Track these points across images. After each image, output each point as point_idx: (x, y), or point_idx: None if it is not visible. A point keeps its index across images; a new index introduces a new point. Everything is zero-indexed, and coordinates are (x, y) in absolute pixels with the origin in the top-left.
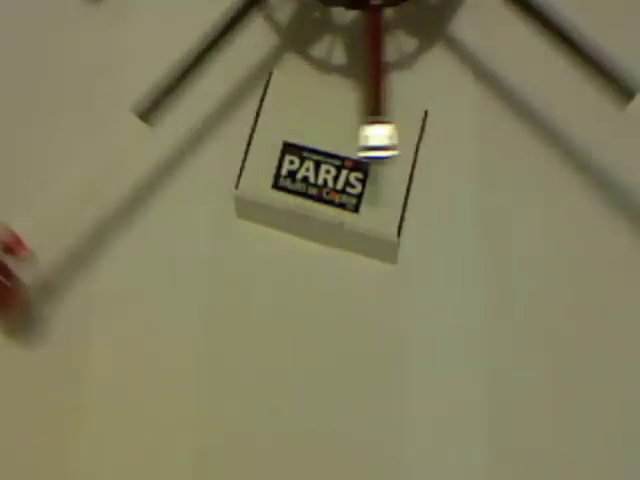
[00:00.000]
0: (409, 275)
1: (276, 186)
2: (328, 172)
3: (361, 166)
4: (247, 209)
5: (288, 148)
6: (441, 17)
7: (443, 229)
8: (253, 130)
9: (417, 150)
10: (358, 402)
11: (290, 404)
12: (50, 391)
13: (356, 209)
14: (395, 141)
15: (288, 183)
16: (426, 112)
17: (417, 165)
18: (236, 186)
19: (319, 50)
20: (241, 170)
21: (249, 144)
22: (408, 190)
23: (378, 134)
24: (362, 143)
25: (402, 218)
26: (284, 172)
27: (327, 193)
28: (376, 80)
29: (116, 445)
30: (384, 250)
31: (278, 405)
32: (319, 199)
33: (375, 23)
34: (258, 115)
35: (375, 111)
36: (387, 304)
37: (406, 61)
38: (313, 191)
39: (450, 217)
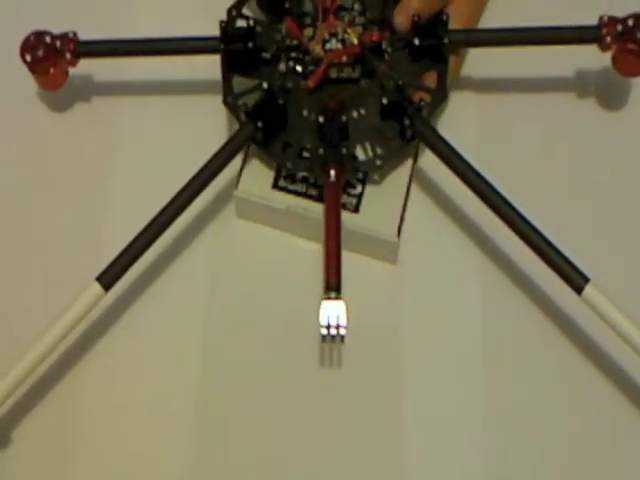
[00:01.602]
0: (409, 275)
1: (276, 186)
2: None
3: None
4: (247, 209)
5: None
6: None
7: (443, 229)
8: None
9: (417, 150)
10: (357, 401)
11: (290, 401)
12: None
13: (356, 209)
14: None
15: (288, 183)
16: None
17: (417, 165)
18: (236, 186)
19: None
20: (241, 170)
21: (249, 144)
22: (408, 190)
23: (334, 312)
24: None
25: (402, 218)
26: (284, 172)
27: None
28: (333, 254)
29: None
30: (384, 250)
31: (278, 405)
32: (319, 199)
33: (333, 198)
34: None
35: (331, 287)
36: (387, 304)
37: None
38: (313, 191)
39: (450, 217)
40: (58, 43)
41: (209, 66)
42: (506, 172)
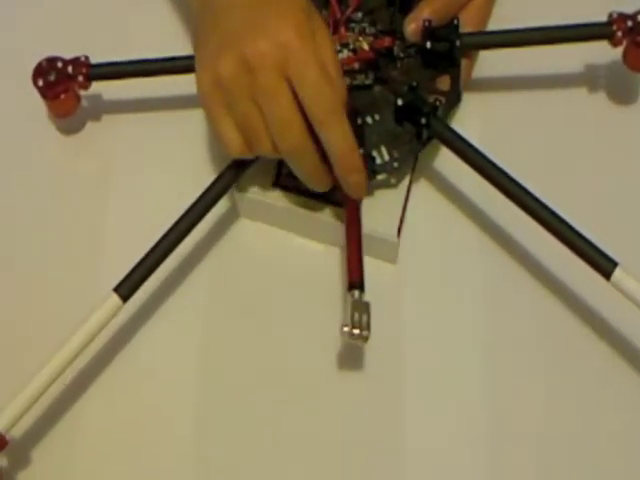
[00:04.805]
0: (409, 275)
1: (277, 184)
2: None
3: None
4: (248, 207)
5: None
6: None
7: (443, 229)
8: None
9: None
10: (356, 400)
11: (292, 401)
12: None
13: None
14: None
15: (289, 181)
16: None
17: (417, 165)
18: (237, 184)
19: None
20: None
21: None
22: (408, 190)
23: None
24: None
25: (402, 218)
26: (285, 170)
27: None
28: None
29: None
30: (384, 250)
31: (279, 405)
32: (320, 197)
33: (354, 200)
34: None
35: (354, 285)
36: (387, 304)
37: None
38: None
39: (450, 217)
40: (70, 68)
41: None
42: (516, 168)
